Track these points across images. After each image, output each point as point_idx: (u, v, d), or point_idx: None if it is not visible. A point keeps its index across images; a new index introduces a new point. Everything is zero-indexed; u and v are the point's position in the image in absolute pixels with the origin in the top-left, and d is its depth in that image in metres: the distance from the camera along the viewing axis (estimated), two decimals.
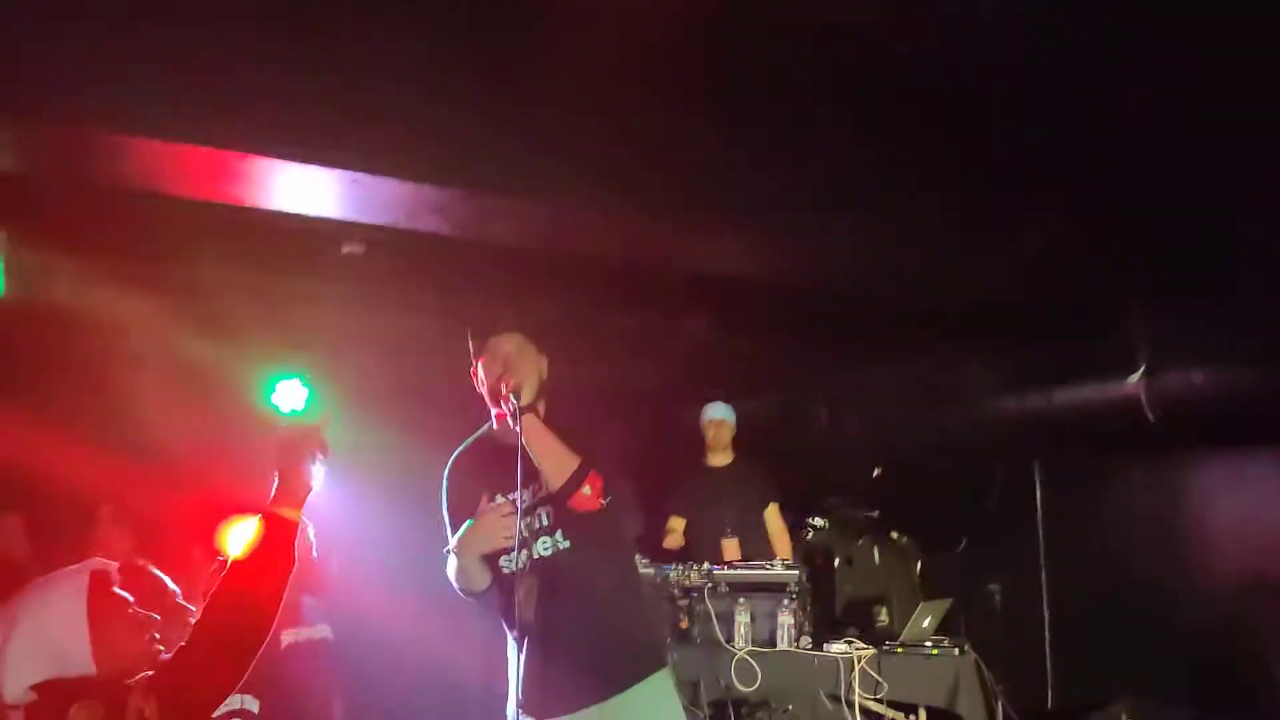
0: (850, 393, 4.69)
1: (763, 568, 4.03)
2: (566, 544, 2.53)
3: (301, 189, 2.94)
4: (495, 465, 2.54)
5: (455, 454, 2.67)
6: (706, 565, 4.04)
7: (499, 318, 2.70)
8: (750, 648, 3.85)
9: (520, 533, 2.42)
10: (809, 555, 4.57)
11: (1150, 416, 3.58)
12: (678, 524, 4.57)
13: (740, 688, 3.80)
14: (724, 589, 3.99)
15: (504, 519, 2.43)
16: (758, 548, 4.43)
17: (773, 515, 4.56)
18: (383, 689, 3.95)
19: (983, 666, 3.78)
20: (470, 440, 2.68)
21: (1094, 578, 4.38)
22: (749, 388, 4.66)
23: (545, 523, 2.54)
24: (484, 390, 2.56)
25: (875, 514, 4.71)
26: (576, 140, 3.07)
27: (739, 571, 4.03)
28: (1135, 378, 3.57)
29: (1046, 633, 4.55)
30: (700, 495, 4.57)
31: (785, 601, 3.92)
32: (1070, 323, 3.66)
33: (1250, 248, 3.21)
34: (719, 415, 4.57)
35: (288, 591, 3.17)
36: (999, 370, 4.08)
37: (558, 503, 2.50)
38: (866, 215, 3.44)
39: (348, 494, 4.32)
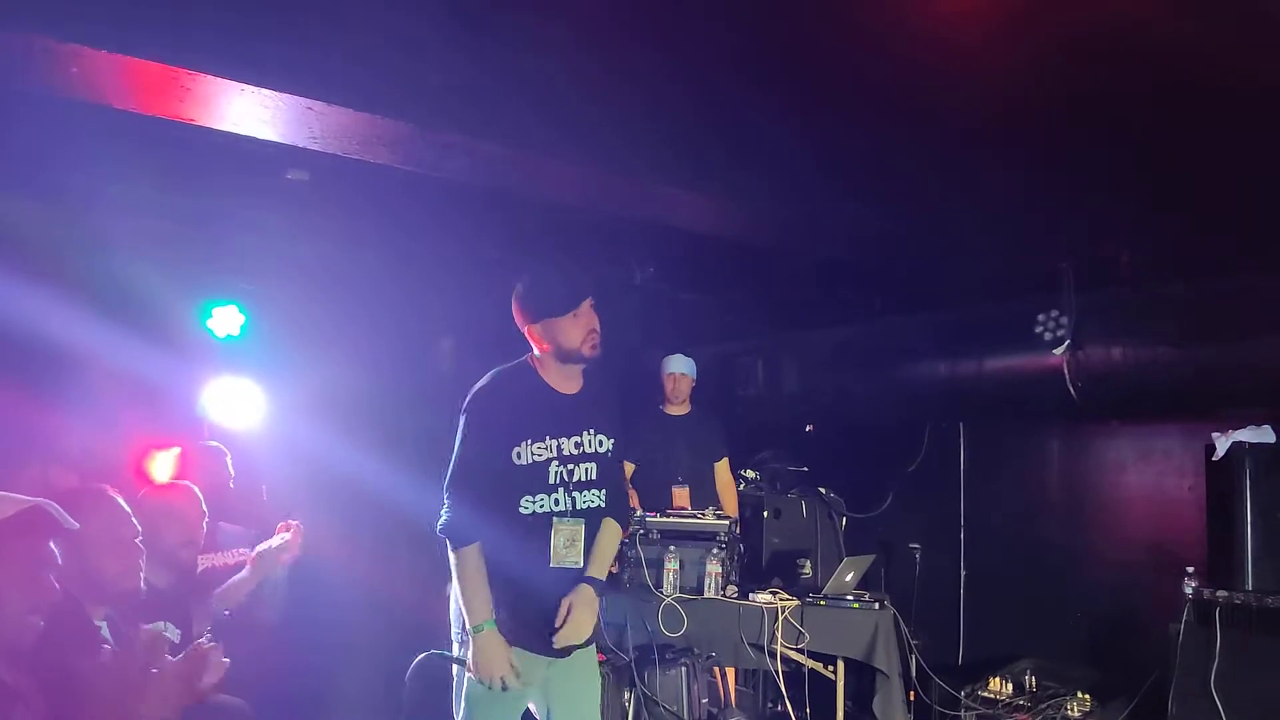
0: (789, 351, 4.77)
1: (694, 517, 4.11)
2: (604, 504, 2.65)
3: (253, 112, 2.87)
4: (538, 409, 2.57)
5: (484, 388, 2.59)
6: (640, 512, 4.11)
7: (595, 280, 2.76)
8: (678, 594, 3.95)
9: (561, 478, 2.55)
10: (739, 506, 4.68)
11: (1072, 390, 3.74)
12: (627, 468, 4.62)
13: (666, 633, 3.90)
14: (655, 536, 4.07)
15: (505, 665, 2.49)
16: (706, 498, 4.53)
17: (723, 468, 4.66)
18: (318, 611, 3.96)
19: (900, 621, 3.94)
20: (499, 377, 2.62)
21: (1009, 540, 4.59)
22: (691, 339, 4.71)
23: (593, 477, 2.61)
24: (562, 338, 2.56)
25: (805, 469, 4.84)
26: (541, 86, 3.07)
27: (670, 519, 4.11)
28: (1060, 350, 3.72)
29: (962, 591, 4.76)
30: (655, 441, 4.60)
31: (714, 550, 4.02)
32: (1002, 293, 3.80)
33: (1172, 230, 3.35)
34: (680, 369, 4.60)
35: (205, 518, 3.17)
36: (933, 336, 4.21)
37: (603, 463, 2.63)
38: (814, 180, 3.50)
39: (285, 422, 4.29)
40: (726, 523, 4.07)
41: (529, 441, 2.53)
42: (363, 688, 4.14)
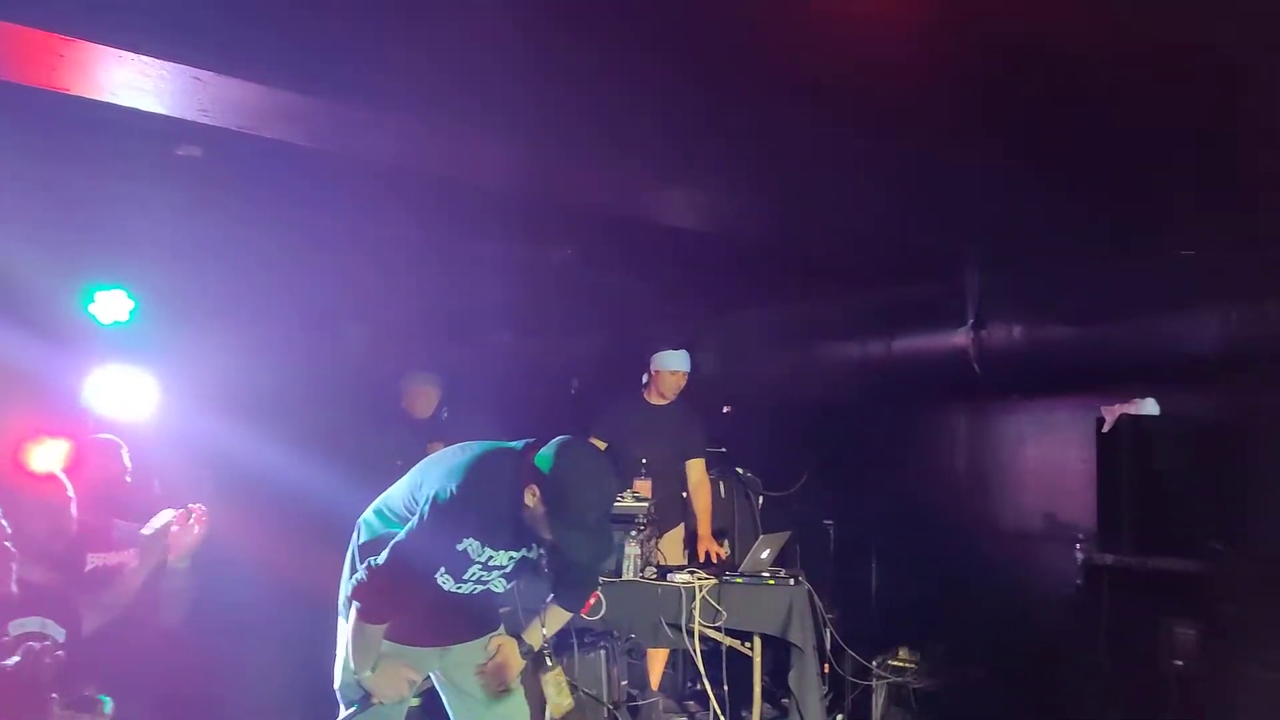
0: (707, 332, 4.80)
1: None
2: (510, 585, 2.65)
3: (134, 82, 2.67)
4: (503, 526, 2.48)
5: (468, 498, 2.41)
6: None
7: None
8: (600, 580, 3.93)
9: (474, 576, 2.52)
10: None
11: (976, 368, 3.89)
12: (598, 445, 4.55)
13: (585, 617, 3.89)
14: None
15: (404, 681, 2.51)
16: (672, 495, 4.51)
17: (696, 467, 4.55)
18: (219, 605, 3.80)
19: (815, 596, 4.03)
20: (482, 492, 2.45)
21: (918, 513, 4.75)
22: (610, 321, 4.68)
23: (507, 571, 2.58)
24: (549, 526, 2.40)
25: (723, 450, 4.89)
26: (457, 60, 2.95)
27: None
28: (964, 330, 3.86)
29: (874, 564, 4.91)
30: (634, 426, 4.48)
31: (633, 533, 4.02)
32: (912, 274, 3.91)
33: (1068, 214, 3.50)
34: (686, 367, 4.42)
35: (96, 515, 2.99)
36: (844, 318, 4.31)
37: (524, 565, 2.60)
38: (730, 165, 3.51)
39: (180, 413, 4.07)
40: (645, 504, 4.07)
41: (476, 540, 2.49)
42: (274, 685, 4.00)
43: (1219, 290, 3.54)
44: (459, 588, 2.54)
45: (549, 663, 2.78)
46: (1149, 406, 3.78)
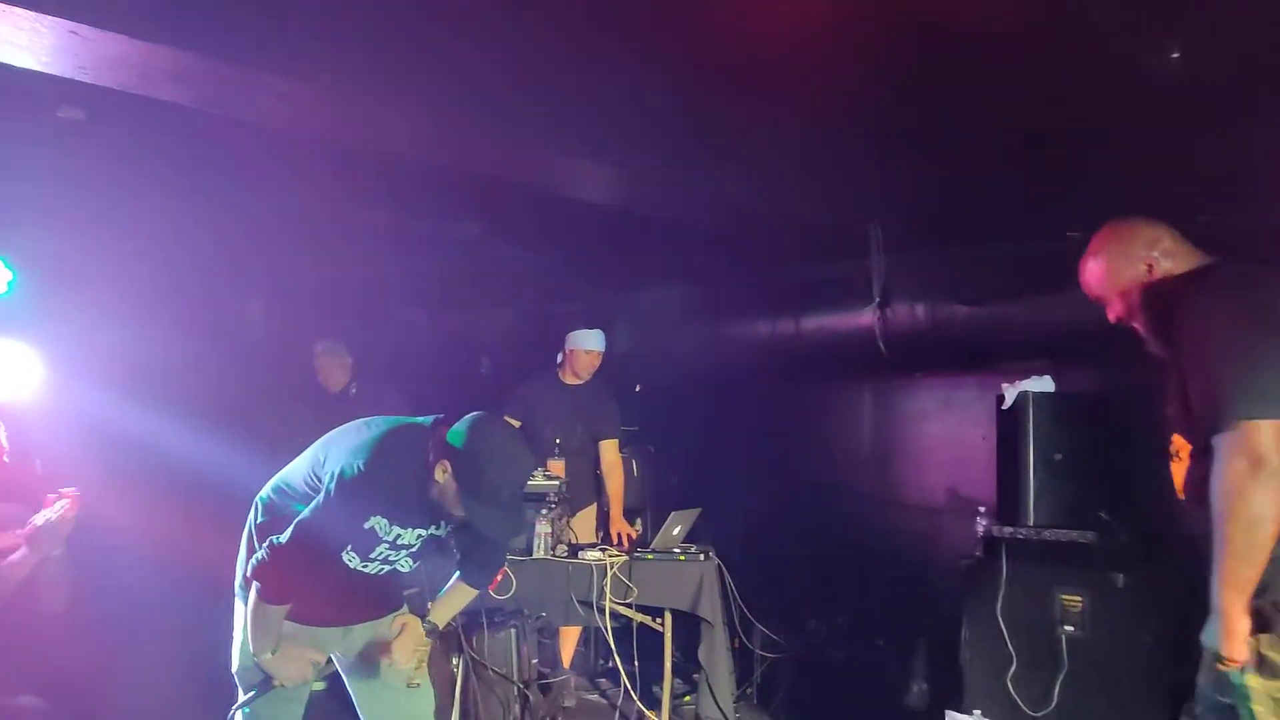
0: (617, 311, 4.79)
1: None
2: (417, 564, 2.60)
3: (9, 36, 2.50)
4: (410, 508, 2.42)
5: (380, 480, 2.35)
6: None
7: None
8: (506, 556, 3.90)
9: (381, 555, 2.47)
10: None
11: (881, 346, 3.96)
12: (512, 424, 4.46)
13: (494, 595, 3.85)
14: None
15: (307, 663, 2.45)
16: (585, 476, 4.48)
17: (610, 448, 4.54)
18: (110, 590, 3.64)
19: (725, 572, 4.07)
20: (397, 472, 2.37)
21: (827, 488, 4.84)
22: (517, 297, 4.62)
23: (415, 550, 2.53)
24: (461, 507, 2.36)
25: (636, 428, 4.89)
26: (361, 22, 2.85)
27: None
28: (870, 309, 3.92)
29: (784, 539, 4.98)
30: (547, 405, 4.44)
31: (544, 511, 3.99)
32: (820, 255, 3.96)
33: (970, 196, 3.59)
34: (601, 347, 4.40)
35: None
36: (754, 296, 4.35)
37: (431, 543, 2.55)
38: (639, 141, 3.49)
39: (65, 389, 3.88)
40: (556, 483, 4.05)
41: (383, 519, 2.42)
42: (170, 670, 3.87)
43: None
44: (365, 566, 2.49)
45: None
46: (1045, 383, 3.90)
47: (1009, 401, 3.89)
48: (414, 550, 2.53)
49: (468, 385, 5.03)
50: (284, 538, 2.35)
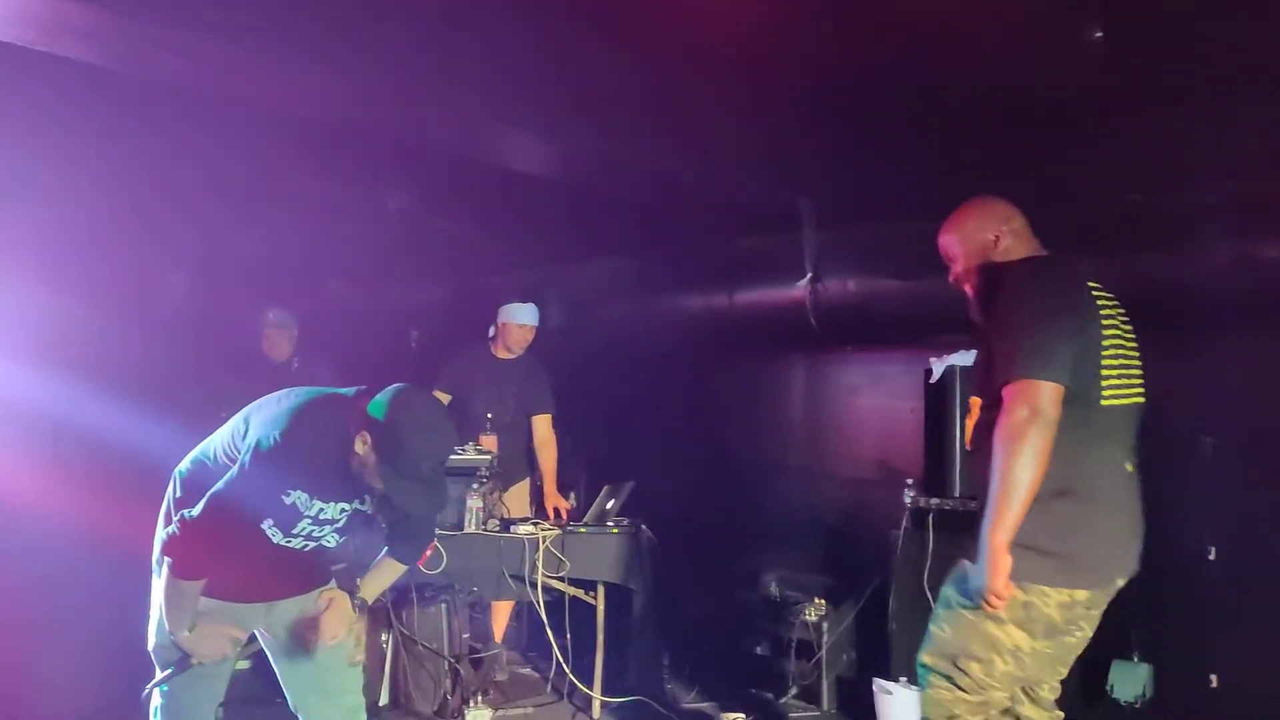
0: (551, 282, 4.75)
1: (452, 452, 4.01)
2: (344, 539, 2.53)
3: None
4: (330, 481, 2.34)
5: (301, 451, 2.27)
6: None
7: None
8: (437, 531, 3.86)
9: (307, 532, 2.40)
10: None
11: (812, 320, 3.99)
12: (442, 398, 4.42)
13: (425, 570, 3.82)
14: None
15: (227, 640, 2.39)
16: (518, 450, 4.42)
17: (544, 423, 4.49)
18: (23, 561, 3.54)
19: (656, 545, 4.09)
20: (319, 445, 2.31)
21: (759, 461, 4.88)
22: (451, 271, 4.55)
23: (340, 525, 2.45)
24: (380, 475, 2.29)
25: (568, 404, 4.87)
26: None
27: None
28: (803, 283, 3.95)
29: (716, 512, 5.02)
30: (479, 380, 4.38)
31: (474, 486, 3.96)
32: (753, 229, 3.96)
33: (896, 171, 3.62)
34: (529, 321, 4.34)
35: None
36: (688, 270, 4.34)
37: (356, 518, 2.48)
38: (575, 114, 3.45)
39: None
40: (487, 458, 4.02)
41: (303, 492, 2.34)
42: (84, 647, 3.76)
43: None
44: (289, 541, 2.42)
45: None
46: (971, 357, 3.96)
47: (936, 375, 3.95)
48: (339, 525, 2.47)
49: (398, 360, 4.95)
50: (196, 511, 2.28)
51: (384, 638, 3.99)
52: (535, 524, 4.03)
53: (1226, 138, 3.36)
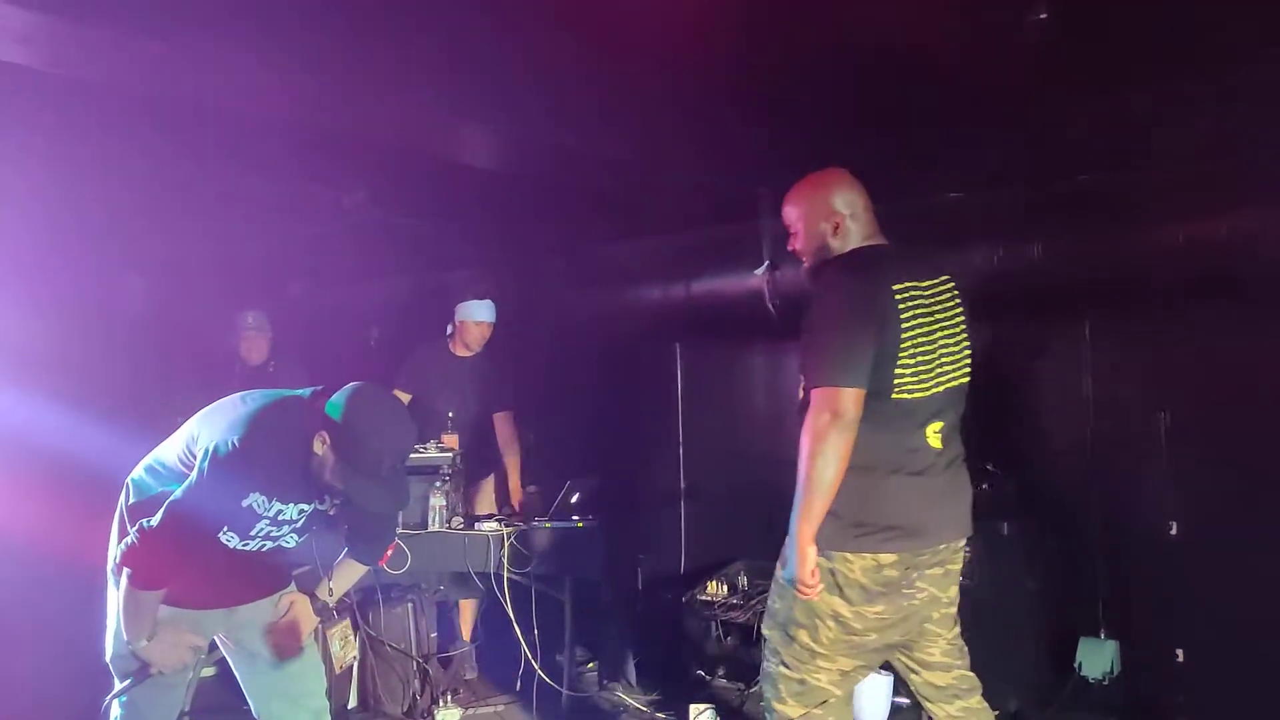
0: (508, 276, 4.73)
1: (415, 451, 3.99)
2: (303, 539, 2.51)
3: None
4: (291, 483, 2.33)
5: (257, 453, 2.26)
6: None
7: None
8: (400, 530, 3.83)
9: (265, 532, 2.39)
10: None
11: (771, 308, 4.00)
12: (403, 398, 4.39)
13: (389, 571, 3.79)
14: None
15: (186, 649, 2.39)
16: (483, 447, 4.40)
17: (504, 421, 4.47)
18: None
19: (622, 536, 4.09)
20: (277, 445, 2.31)
21: (721, 452, 4.87)
22: (408, 268, 4.51)
23: (298, 526, 2.44)
24: (343, 477, 2.29)
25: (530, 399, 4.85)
26: None
27: None
28: (760, 271, 3.95)
29: (681, 503, 5.02)
30: (438, 378, 4.36)
31: (438, 484, 3.94)
32: (708, 219, 3.95)
33: (849, 158, 3.61)
34: (490, 317, 4.32)
35: None
36: (646, 260, 4.33)
37: (315, 518, 2.47)
38: (531, 104, 3.43)
39: None
40: (450, 455, 4.00)
41: (262, 495, 2.33)
42: (40, 659, 3.72)
43: (985, 229, 3.77)
44: (246, 545, 2.41)
45: (335, 616, 2.69)
46: None
47: None
48: (297, 525, 2.45)
49: (357, 359, 4.91)
50: (154, 520, 2.26)
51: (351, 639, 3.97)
52: (499, 520, 4.02)
53: (1175, 118, 3.40)
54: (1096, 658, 3.93)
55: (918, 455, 2.43)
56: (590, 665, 4.36)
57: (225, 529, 2.35)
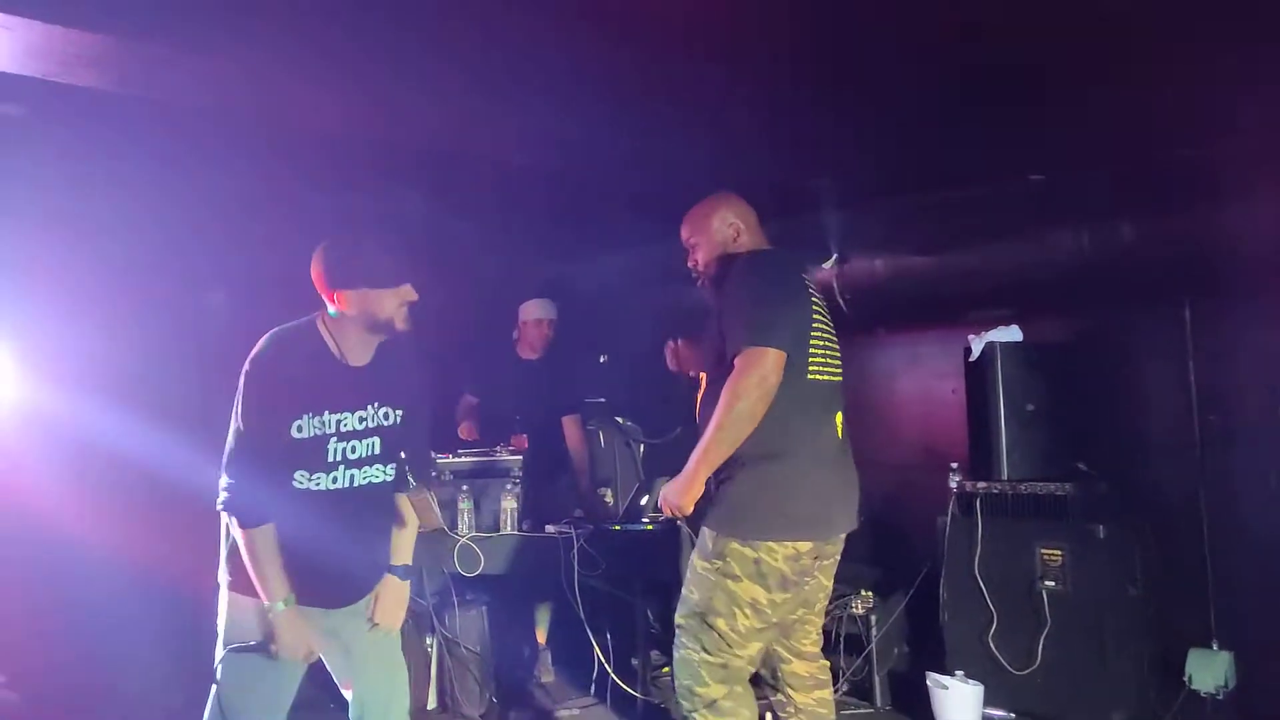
0: (574, 279, 4.74)
1: (486, 454, 4.03)
2: (390, 477, 2.50)
3: None
4: (321, 383, 2.38)
5: (264, 356, 2.35)
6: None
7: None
8: (473, 534, 3.88)
9: (342, 455, 2.40)
10: None
11: (841, 302, 3.88)
12: (470, 401, 4.48)
13: (463, 573, 3.83)
14: (448, 476, 3.97)
15: (307, 636, 2.38)
16: (553, 450, 4.43)
17: (573, 424, 4.50)
18: (71, 591, 3.66)
19: (693, 536, 4.01)
20: (280, 343, 2.38)
21: None
22: (469, 269, 4.57)
23: (375, 452, 2.45)
24: (378, 309, 2.43)
25: (602, 400, 4.83)
26: None
27: (461, 459, 4.01)
28: (829, 264, 3.84)
29: None
30: (505, 382, 4.42)
31: (509, 486, 3.96)
32: (772, 213, 3.84)
33: (920, 143, 3.48)
34: (548, 315, 4.40)
35: None
36: None
37: (388, 436, 2.47)
38: (582, 105, 3.42)
39: (20, 387, 3.90)
40: (520, 458, 4.02)
41: (310, 415, 2.35)
42: (147, 669, 3.89)
43: (1071, 212, 3.56)
44: (334, 481, 2.39)
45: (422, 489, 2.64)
46: (1012, 333, 3.81)
47: (976, 353, 3.81)
48: (372, 444, 2.43)
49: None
50: (224, 468, 2.32)
51: (428, 642, 4.02)
52: (570, 523, 4.01)
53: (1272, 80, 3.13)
54: (1208, 670, 3.65)
55: (828, 444, 2.60)
56: (665, 670, 4.29)
57: (299, 473, 2.35)
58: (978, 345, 3.80)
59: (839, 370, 2.69)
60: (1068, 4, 2.81)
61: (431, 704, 4.05)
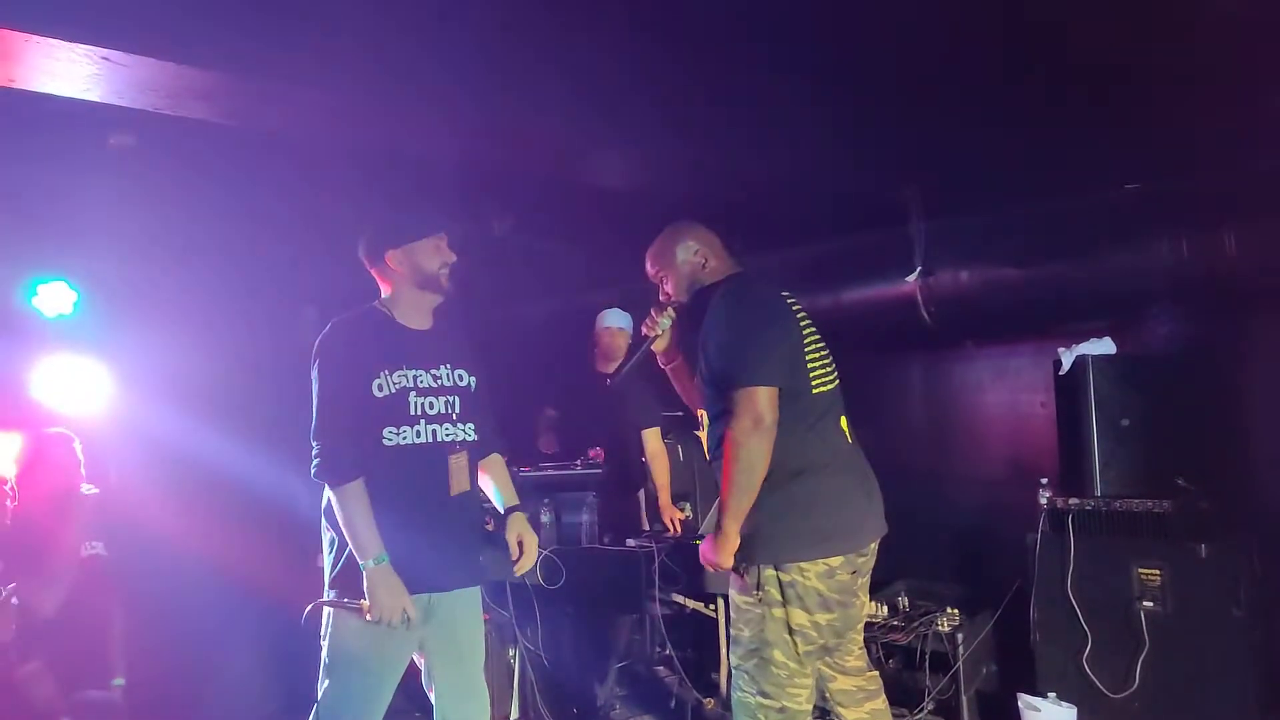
0: (648, 293, 4.74)
1: (566, 468, 4.08)
2: (473, 438, 2.63)
3: (45, 67, 2.67)
4: (390, 342, 2.55)
5: (332, 331, 2.56)
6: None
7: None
8: (554, 546, 3.92)
9: (421, 409, 2.52)
10: None
11: (926, 315, 3.81)
12: (550, 414, 4.55)
13: (545, 585, 3.87)
14: (528, 489, 4.02)
15: (403, 601, 2.42)
16: (630, 464, 4.45)
17: (652, 436, 4.50)
18: (169, 601, 3.81)
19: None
20: (345, 319, 2.60)
21: (879, 467, 4.64)
22: (553, 289, 4.62)
23: (455, 410, 2.59)
24: (424, 261, 2.61)
25: (679, 414, 4.84)
26: (363, 25, 2.93)
27: (542, 472, 4.06)
28: (912, 277, 3.78)
29: None
30: (584, 396, 4.47)
31: (589, 500, 4.00)
32: (854, 224, 3.82)
33: (1008, 153, 3.42)
34: (618, 324, 4.44)
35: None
36: (789, 272, 4.22)
37: (466, 396, 2.62)
38: (665, 122, 3.45)
39: (128, 404, 4.10)
40: (599, 472, 4.05)
41: (386, 372, 2.49)
42: (242, 677, 4.03)
43: (1167, 221, 3.44)
44: (418, 435, 2.49)
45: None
46: (1105, 345, 3.69)
47: (1066, 366, 3.70)
48: (452, 401, 2.56)
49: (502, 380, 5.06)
50: (313, 427, 2.45)
51: (510, 653, 4.08)
52: (650, 536, 4.02)
53: None
54: None
55: (842, 451, 2.60)
56: None
57: (386, 429, 2.45)
58: (1068, 358, 3.69)
59: (835, 375, 2.70)
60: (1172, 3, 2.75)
61: (515, 714, 4.10)
